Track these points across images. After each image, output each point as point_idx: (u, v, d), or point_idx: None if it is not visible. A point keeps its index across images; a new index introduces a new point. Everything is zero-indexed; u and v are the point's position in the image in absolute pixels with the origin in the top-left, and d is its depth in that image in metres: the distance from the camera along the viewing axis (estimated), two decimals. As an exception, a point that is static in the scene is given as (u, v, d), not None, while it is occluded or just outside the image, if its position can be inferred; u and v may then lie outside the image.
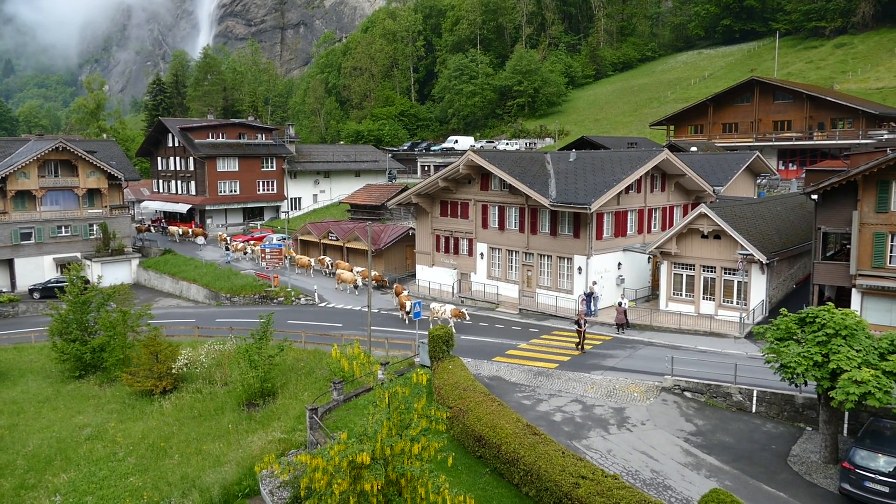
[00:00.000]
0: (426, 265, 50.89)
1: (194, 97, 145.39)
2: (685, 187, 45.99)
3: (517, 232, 44.29)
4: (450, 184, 47.39)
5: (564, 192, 40.61)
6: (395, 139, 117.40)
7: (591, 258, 40.44)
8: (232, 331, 39.54)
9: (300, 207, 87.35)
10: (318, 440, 23.87)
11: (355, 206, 73.83)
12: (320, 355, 35.04)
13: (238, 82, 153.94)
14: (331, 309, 47.79)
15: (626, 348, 33.24)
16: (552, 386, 28.06)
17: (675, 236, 38.31)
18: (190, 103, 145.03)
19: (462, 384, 25.06)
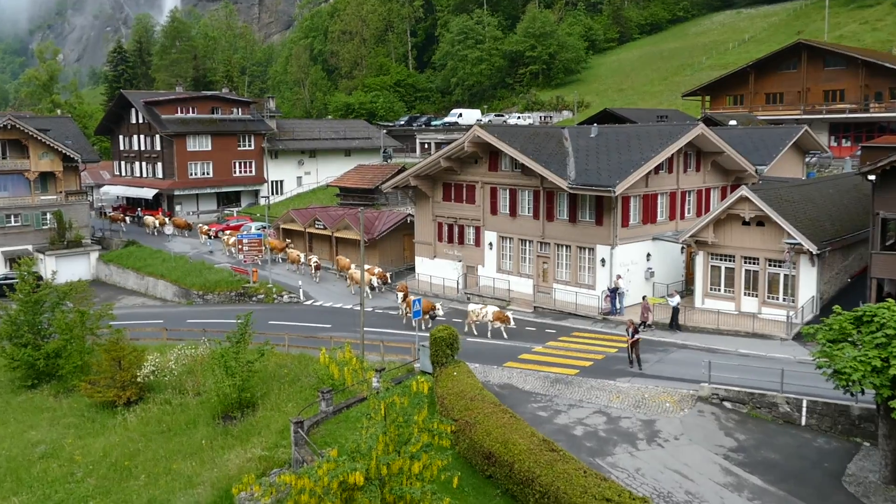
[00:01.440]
0: (427, 257, 50.82)
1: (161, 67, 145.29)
2: (723, 167, 45.82)
3: (531, 218, 44.18)
4: (453, 164, 47.29)
5: (585, 173, 40.46)
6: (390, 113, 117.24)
7: (616, 248, 40.31)
8: (205, 333, 39.54)
9: (282, 192, 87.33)
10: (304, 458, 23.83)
11: (345, 190, 73.79)
12: (306, 361, 35.01)
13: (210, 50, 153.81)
14: (318, 308, 47.72)
15: (657, 352, 33.14)
16: (572, 395, 28.00)
17: (712, 223, 38.16)
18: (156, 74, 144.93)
19: (469, 393, 25.00)
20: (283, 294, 50.15)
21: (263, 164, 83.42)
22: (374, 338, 36.77)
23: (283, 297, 49.92)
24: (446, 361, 28.38)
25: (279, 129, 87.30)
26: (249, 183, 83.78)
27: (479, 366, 31.57)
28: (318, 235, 59.77)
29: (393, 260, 55.26)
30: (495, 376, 30.42)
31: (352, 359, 24.11)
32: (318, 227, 58.68)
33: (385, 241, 55.16)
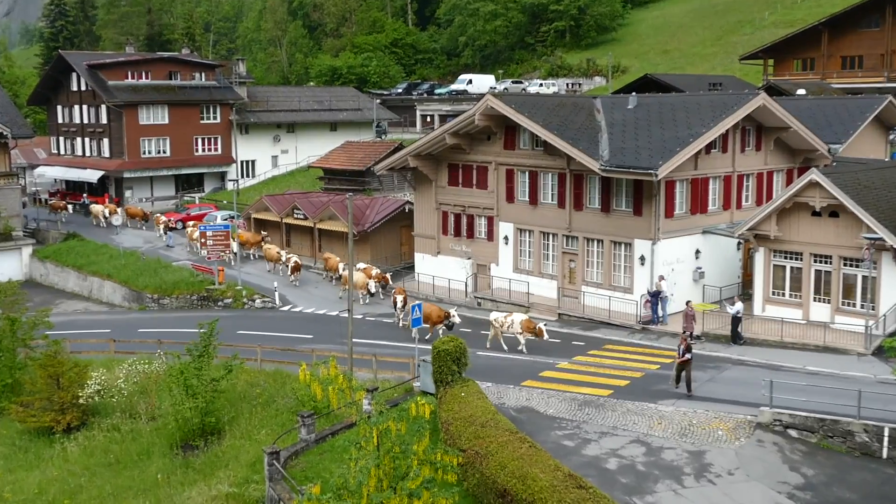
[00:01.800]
0: (429, 253, 50.84)
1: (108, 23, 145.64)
2: (789, 145, 45.76)
3: (555, 207, 44.15)
4: (461, 140, 47.32)
5: (621, 152, 40.43)
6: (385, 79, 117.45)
7: (659, 243, 40.33)
8: (161, 345, 39.65)
9: (254, 174, 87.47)
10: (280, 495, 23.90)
11: (330, 173, 73.86)
12: (283, 378, 35.08)
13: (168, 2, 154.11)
14: (298, 314, 47.75)
15: (708, 368, 33.10)
16: (604, 420, 28.02)
17: (774, 213, 38.09)
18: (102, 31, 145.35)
19: (479, 418, 25.04)
20: (256, 298, 50.26)
21: (231, 141, 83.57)
22: (364, 351, 36.71)
23: (256, 301, 50.02)
24: (452, 380, 28.39)
25: (250, 98, 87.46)
26: (214, 163, 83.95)
27: (492, 385, 31.53)
28: (297, 227, 59.84)
29: (388, 257, 55.35)
30: (511, 398, 30.41)
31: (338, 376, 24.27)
32: (298, 217, 58.76)
33: (378, 233, 55.22)
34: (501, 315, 38.16)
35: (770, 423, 27.01)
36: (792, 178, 45.04)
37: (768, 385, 27.57)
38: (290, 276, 52.86)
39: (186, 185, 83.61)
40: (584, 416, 28.53)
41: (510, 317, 37.64)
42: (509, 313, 38.59)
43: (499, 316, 38.11)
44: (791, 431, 26.67)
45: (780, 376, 30.64)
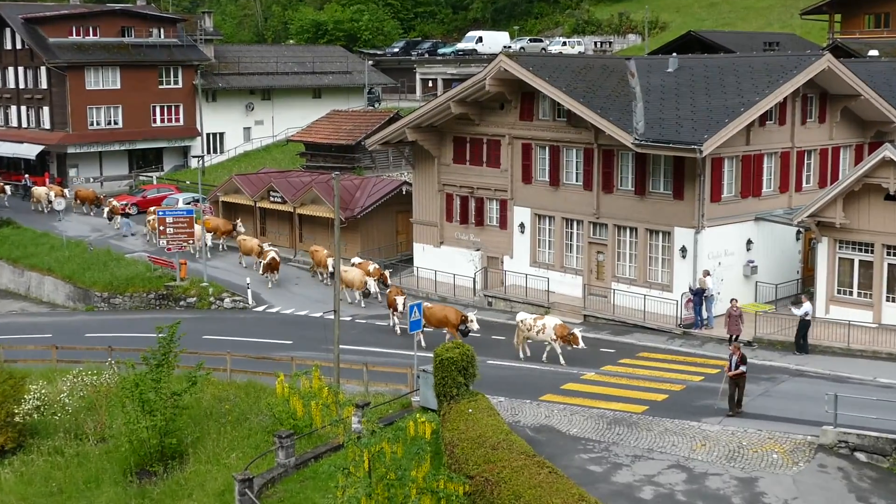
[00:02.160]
0: (430, 244, 50.89)
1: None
2: (859, 116, 45.75)
3: (580, 189, 44.20)
4: (469, 109, 47.32)
5: (659, 124, 40.40)
6: (378, 37, 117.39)
7: (703, 232, 40.34)
8: (112, 352, 39.70)
9: (223, 150, 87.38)
10: (253, 530, 24.00)
11: (314, 148, 73.81)
12: (257, 392, 35.10)
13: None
14: (274, 316, 47.80)
15: (761, 380, 33.11)
16: (638, 442, 28.05)
17: (841, 197, 38.05)
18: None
19: (490, 439, 25.08)
20: (224, 296, 50.33)
21: (196, 110, 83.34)
22: (354, 359, 36.70)
23: (225, 300, 50.09)
24: (458, 393, 28.37)
25: (219, 58, 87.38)
26: (176, 137, 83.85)
27: (505, 399, 31.53)
28: (273, 212, 59.82)
29: (381, 248, 55.36)
30: (528, 415, 30.43)
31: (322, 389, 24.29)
32: (275, 201, 58.74)
33: (370, 220, 55.22)
34: (530, 317, 37.87)
35: (834, 444, 26.97)
36: (862, 156, 45.00)
37: (832, 400, 27.45)
38: (263, 274, 52.27)
39: (142, 162, 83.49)
40: (613, 436, 28.52)
41: (541, 320, 37.42)
42: (540, 315, 38.49)
43: (527, 318, 37.80)
44: (859, 455, 26.62)
45: (847, 389, 30.64)
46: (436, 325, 39.93)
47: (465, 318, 39.21)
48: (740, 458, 26.77)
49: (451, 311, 40.04)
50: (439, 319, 39.76)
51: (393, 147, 54.89)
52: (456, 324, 39.17)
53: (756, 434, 28.06)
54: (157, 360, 32.38)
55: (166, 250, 53.43)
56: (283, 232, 59.08)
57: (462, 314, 39.64)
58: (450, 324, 39.29)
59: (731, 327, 37.10)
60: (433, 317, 39.83)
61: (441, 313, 39.83)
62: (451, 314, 39.58)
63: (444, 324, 39.46)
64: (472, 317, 39.43)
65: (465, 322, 39.06)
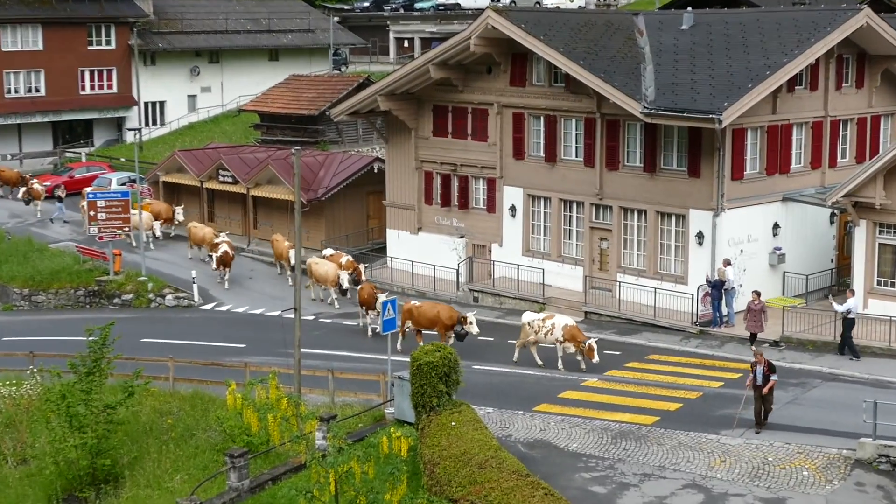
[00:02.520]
0: (406, 230, 51.08)
1: None
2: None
3: (580, 166, 44.46)
4: (452, 74, 47.48)
5: (672, 90, 40.62)
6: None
7: (723, 215, 40.58)
8: (34, 359, 39.75)
9: (164, 121, 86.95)
10: (203, 563, 24.24)
11: (270, 119, 73.51)
12: (205, 403, 35.02)
13: None
14: (224, 315, 47.94)
15: (789, 386, 33.38)
16: (648, 458, 28.17)
17: (881, 174, 38.18)
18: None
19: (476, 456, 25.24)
20: (166, 292, 50.39)
21: (132, 75, 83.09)
22: (318, 365, 36.81)
23: (166, 297, 50.15)
24: (439, 404, 28.41)
25: (158, 14, 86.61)
26: (108, 106, 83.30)
27: (494, 411, 31.72)
28: (223, 194, 59.76)
29: (349, 235, 55.39)
30: (521, 428, 30.59)
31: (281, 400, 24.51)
32: (224, 181, 58.67)
33: (337, 203, 55.23)
34: (538, 317, 37.83)
35: (873, 459, 27.16)
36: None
37: (871, 408, 27.58)
38: (216, 269, 51.39)
39: (69, 136, 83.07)
40: (619, 452, 28.68)
41: (550, 319, 37.32)
42: (550, 315, 38.29)
43: (534, 318, 37.73)
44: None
45: (888, 396, 30.85)
46: (426, 327, 39.76)
47: (464, 318, 38.72)
48: (766, 475, 26.88)
49: (445, 309, 39.91)
50: (430, 319, 39.47)
51: (363, 118, 54.61)
52: (449, 325, 38.87)
53: (784, 448, 28.25)
54: (88, 368, 32.08)
55: (98, 239, 52.95)
56: (234, 217, 59.02)
57: (459, 314, 39.35)
58: (441, 324, 39.03)
59: (752, 324, 37.45)
60: (423, 316, 39.70)
61: (432, 312, 39.54)
62: (443, 313, 39.37)
63: (435, 324, 39.26)
64: (472, 318, 38.87)
65: (463, 323, 38.62)
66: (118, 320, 37.36)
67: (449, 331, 38.91)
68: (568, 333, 36.53)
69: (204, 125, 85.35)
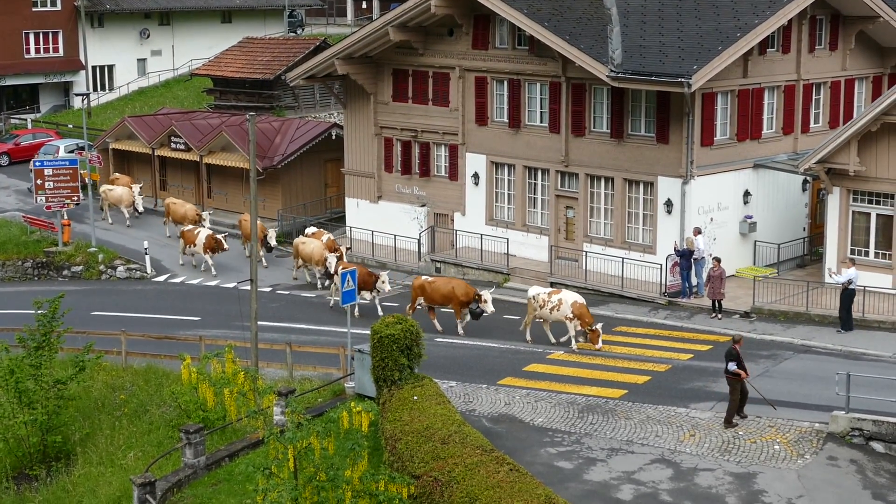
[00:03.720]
0: (366, 199, 50.96)
1: None
2: (877, 42, 46.06)
3: (545, 132, 44.34)
4: (412, 36, 47.18)
5: (640, 53, 40.50)
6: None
7: (692, 183, 40.58)
8: (-19, 333, 39.36)
9: (113, 86, 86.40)
10: (156, 545, 24.05)
11: (223, 83, 73.21)
12: (159, 378, 35.06)
13: None
14: (178, 287, 47.68)
15: (760, 359, 33.45)
16: (615, 433, 28.26)
17: (855, 139, 38.26)
18: None
19: (439, 431, 25.19)
20: (118, 264, 50.09)
21: (79, 38, 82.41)
22: (275, 338, 36.77)
23: (118, 268, 49.84)
24: (401, 377, 28.43)
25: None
26: (54, 70, 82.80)
27: (458, 384, 31.71)
28: (175, 162, 59.50)
29: (307, 203, 55.41)
30: (485, 402, 30.57)
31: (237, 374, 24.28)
32: (177, 148, 58.42)
33: (293, 171, 55.15)
34: (544, 292, 36.82)
35: (846, 432, 27.29)
36: (881, 90, 45.36)
37: (843, 380, 27.63)
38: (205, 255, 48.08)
39: (13, 101, 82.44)
40: (586, 426, 28.70)
41: (557, 295, 36.35)
42: (556, 289, 37.45)
43: (540, 293, 36.73)
44: (875, 444, 26.94)
45: (861, 368, 31.05)
46: (440, 304, 38.75)
47: (479, 296, 37.69)
48: (736, 450, 26.98)
49: (460, 284, 38.68)
50: (444, 296, 38.36)
51: (320, 82, 54.56)
52: (465, 301, 37.82)
53: (754, 422, 28.31)
54: (37, 342, 32.21)
55: (45, 209, 52.88)
56: (187, 185, 58.70)
57: (475, 290, 38.16)
58: (456, 300, 37.98)
59: (712, 291, 37.56)
60: (436, 292, 38.55)
61: (446, 288, 38.36)
62: (458, 289, 38.13)
63: (450, 300, 38.20)
64: (488, 295, 37.82)
65: (478, 301, 37.59)
66: (68, 293, 37.53)
67: (464, 308, 38.04)
68: (577, 310, 35.31)
69: (155, 90, 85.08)
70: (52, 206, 52.09)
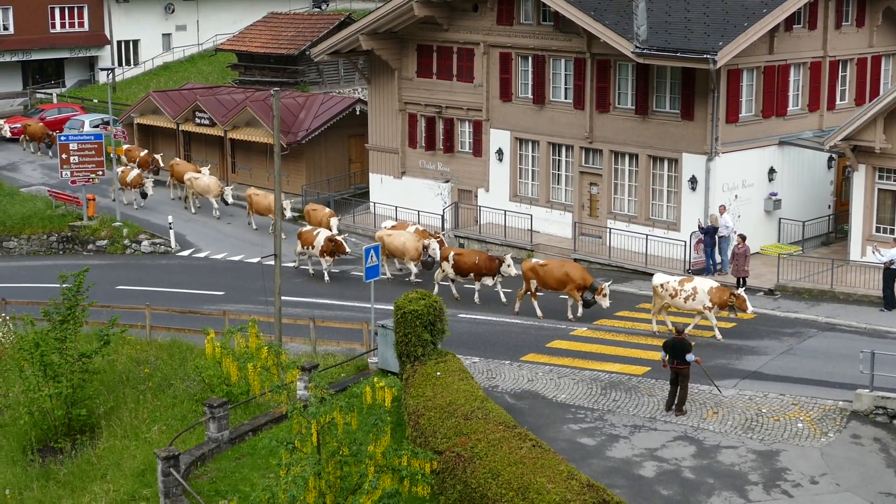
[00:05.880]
0: (390, 174, 50.95)
1: None
2: (906, 19, 45.87)
3: (570, 108, 44.21)
4: (436, 12, 47.08)
5: (665, 29, 40.35)
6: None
7: (717, 160, 40.48)
8: (6, 306, 39.62)
9: (138, 61, 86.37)
10: (180, 518, 24.14)
11: (248, 59, 73.16)
12: (183, 353, 35.19)
13: None
14: (202, 262, 47.77)
15: (784, 336, 33.46)
16: (638, 410, 28.32)
17: (882, 116, 38.11)
18: None
19: (462, 407, 25.22)
20: (142, 238, 50.14)
21: (104, 13, 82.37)
22: (299, 313, 36.84)
23: (142, 243, 49.88)
24: (423, 353, 28.49)
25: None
26: (80, 45, 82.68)
27: (480, 360, 31.81)
28: (200, 137, 59.58)
29: (331, 179, 55.32)
30: (508, 378, 30.67)
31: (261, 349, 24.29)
32: (201, 123, 58.49)
33: (317, 146, 55.10)
34: (673, 280, 34.52)
35: (870, 411, 27.27)
36: (908, 66, 45.19)
37: (868, 359, 27.63)
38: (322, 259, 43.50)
39: (39, 76, 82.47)
40: (609, 403, 28.79)
41: (689, 283, 34.12)
42: (688, 277, 35.18)
43: (669, 281, 34.46)
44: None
45: (886, 346, 30.89)
46: (554, 288, 36.62)
47: (600, 288, 35.76)
48: (759, 427, 27.04)
49: (576, 269, 36.81)
50: (558, 280, 36.15)
51: (344, 58, 54.51)
52: (583, 285, 36.07)
53: (778, 399, 28.39)
54: (62, 316, 32.32)
55: (70, 183, 52.94)
56: (212, 160, 58.60)
57: (591, 276, 36.43)
58: (572, 284, 36.04)
59: (736, 269, 37.44)
60: (549, 276, 36.32)
61: (559, 271, 36.14)
62: (575, 273, 36.24)
63: (565, 285, 36.10)
64: (608, 289, 35.89)
65: (597, 293, 35.72)
66: (92, 267, 37.63)
67: (581, 292, 36.11)
68: (716, 297, 33.35)
69: (179, 65, 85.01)
70: (76, 180, 52.15)
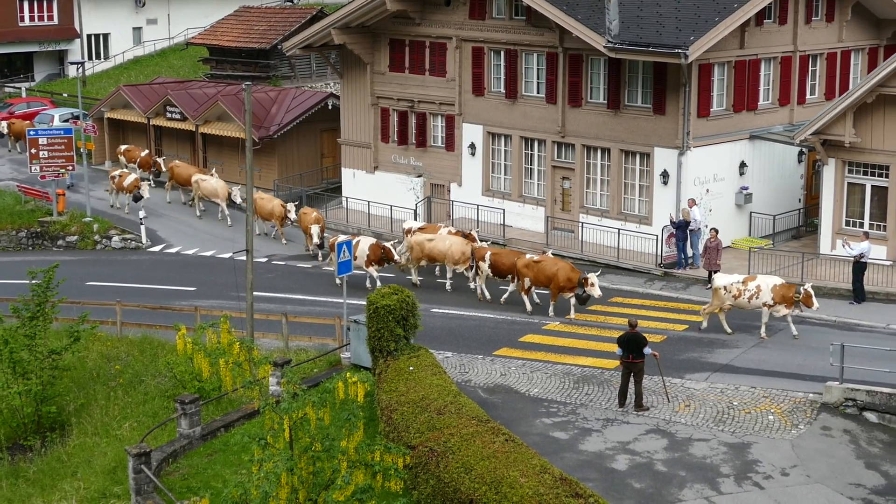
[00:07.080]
0: (362, 169, 50.88)
1: None
2: (873, 14, 45.92)
3: (542, 103, 44.25)
4: (409, 6, 46.99)
5: (637, 23, 40.41)
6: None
7: (688, 154, 40.60)
8: (-25, 303, 39.34)
9: (108, 55, 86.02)
10: (152, 514, 24.04)
11: (219, 53, 72.96)
12: (154, 348, 35.11)
13: None
14: (173, 257, 47.58)
15: (754, 330, 33.59)
16: (610, 404, 28.37)
17: (851, 110, 38.27)
18: None
19: (435, 402, 25.20)
20: (113, 234, 50.03)
21: (74, 6, 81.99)
22: (271, 309, 36.92)
23: (113, 238, 49.77)
24: (396, 348, 28.49)
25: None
26: (49, 38, 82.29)
27: (453, 355, 31.82)
28: (171, 131, 59.38)
29: (303, 174, 55.31)
30: (480, 372, 30.68)
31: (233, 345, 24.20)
32: (172, 118, 58.26)
33: (290, 141, 55.06)
34: (735, 280, 33.28)
35: (840, 403, 27.42)
36: (877, 61, 45.28)
37: (838, 351, 27.77)
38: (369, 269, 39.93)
39: (7, 70, 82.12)
40: (582, 397, 28.85)
41: (753, 282, 32.92)
42: (751, 276, 33.76)
43: (730, 281, 33.25)
44: (869, 415, 27.07)
45: (855, 339, 31.21)
46: (544, 284, 36.09)
47: (585, 280, 35.08)
48: (730, 420, 27.16)
49: (565, 266, 36.19)
50: (548, 276, 35.70)
51: (316, 52, 54.43)
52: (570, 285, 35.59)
53: (749, 392, 28.52)
54: (31, 313, 32.16)
55: (40, 178, 52.60)
56: (183, 155, 58.48)
57: (580, 273, 35.69)
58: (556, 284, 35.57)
59: (709, 262, 37.57)
60: (542, 273, 35.94)
61: (551, 269, 35.70)
62: (562, 272, 35.70)
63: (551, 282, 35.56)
64: (594, 279, 35.17)
65: (584, 285, 35.13)
66: (62, 263, 37.39)
67: (568, 292, 35.71)
68: (779, 294, 32.54)
69: (150, 59, 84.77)
70: (46, 175, 51.77)
